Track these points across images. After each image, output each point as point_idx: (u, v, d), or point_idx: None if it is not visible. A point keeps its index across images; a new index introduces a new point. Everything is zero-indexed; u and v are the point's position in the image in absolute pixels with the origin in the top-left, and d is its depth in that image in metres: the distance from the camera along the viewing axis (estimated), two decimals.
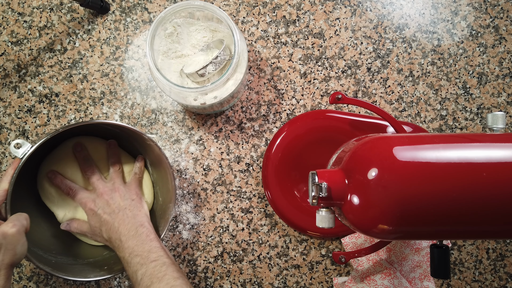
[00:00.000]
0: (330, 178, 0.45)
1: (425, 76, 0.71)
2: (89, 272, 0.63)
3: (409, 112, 0.71)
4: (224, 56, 0.62)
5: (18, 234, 0.51)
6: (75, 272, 0.63)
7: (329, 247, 0.71)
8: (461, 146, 0.44)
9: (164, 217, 0.66)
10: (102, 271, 0.63)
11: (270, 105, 0.72)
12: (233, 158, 0.72)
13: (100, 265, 0.65)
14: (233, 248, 0.71)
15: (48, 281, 0.71)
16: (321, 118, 0.68)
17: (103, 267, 0.64)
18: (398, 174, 0.43)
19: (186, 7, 0.59)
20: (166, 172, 0.64)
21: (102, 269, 0.64)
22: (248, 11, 0.72)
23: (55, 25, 0.72)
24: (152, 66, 0.58)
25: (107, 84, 0.72)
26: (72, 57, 0.72)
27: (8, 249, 0.50)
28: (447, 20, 0.71)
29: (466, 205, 0.42)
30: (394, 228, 0.43)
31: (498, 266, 0.71)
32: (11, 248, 0.50)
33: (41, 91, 0.72)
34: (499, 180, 0.42)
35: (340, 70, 0.71)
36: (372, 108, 0.61)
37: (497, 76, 0.71)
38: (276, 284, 0.71)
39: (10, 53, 0.72)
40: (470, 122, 0.71)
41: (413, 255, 0.67)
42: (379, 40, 0.71)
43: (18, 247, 0.51)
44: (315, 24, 0.71)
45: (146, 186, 0.68)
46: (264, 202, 0.72)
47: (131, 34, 0.72)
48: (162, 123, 0.72)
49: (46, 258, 0.62)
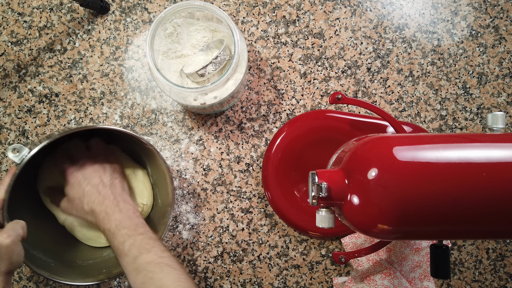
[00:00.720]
0: (330, 178, 0.45)
1: (425, 76, 0.71)
2: (88, 275, 0.63)
3: (409, 112, 0.71)
4: (224, 56, 0.62)
5: (13, 244, 0.51)
6: (74, 276, 0.62)
7: (329, 247, 0.71)
8: (461, 146, 0.44)
9: (163, 220, 0.66)
10: (100, 275, 0.63)
11: (270, 105, 0.72)
12: (233, 158, 0.72)
13: (99, 268, 0.65)
14: (233, 248, 0.71)
15: (48, 281, 0.71)
16: (321, 118, 0.68)
17: (102, 270, 0.64)
18: (398, 174, 0.43)
19: (186, 7, 0.59)
20: (165, 175, 0.64)
21: (101, 272, 0.64)
22: (248, 11, 0.72)
23: (55, 25, 0.72)
24: (152, 66, 0.58)
25: (107, 84, 0.72)
26: (72, 57, 0.72)
27: (4, 259, 0.50)
28: (447, 20, 0.71)
29: (466, 205, 0.42)
30: (394, 228, 0.43)
31: (498, 266, 0.71)
32: (7, 258, 0.50)
33: (41, 91, 0.72)
34: (499, 180, 0.42)
35: (340, 70, 0.71)
36: (372, 108, 0.61)
37: (497, 76, 0.71)
38: (276, 284, 0.71)
39: (10, 53, 0.72)
40: (470, 122, 0.72)
41: (413, 255, 0.67)
42: (379, 40, 0.71)
43: (13, 256, 0.51)
44: (315, 24, 0.71)
45: (146, 188, 0.68)
46: (264, 202, 0.72)
47: (131, 34, 0.72)
48: (162, 123, 0.72)
49: (45, 261, 0.62)
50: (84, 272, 0.64)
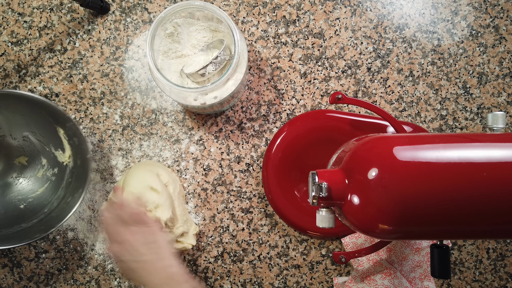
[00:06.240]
0: (330, 178, 0.45)
1: (425, 76, 0.71)
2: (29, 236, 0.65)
3: (409, 112, 0.71)
4: (224, 56, 0.62)
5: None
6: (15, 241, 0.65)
7: (329, 247, 0.71)
8: (461, 146, 0.44)
9: None
10: (39, 232, 0.65)
11: (270, 105, 0.72)
12: (233, 158, 0.72)
13: (38, 227, 0.67)
14: (233, 248, 0.71)
15: (49, 281, 0.71)
16: (321, 118, 0.68)
17: (40, 227, 0.66)
18: (398, 174, 0.43)
19: (186, 7, 0.59)
20: None
21: (39, 229, 0.66)
22: (248, 11, 0.72)
23: (55, 25, 0.72)
24: (152, 66, 0.58)
25: (107, 84, 0.72)
26: (72, 57, 0.72)
27: None
28: (447, 20, 0.71)
29: (466, 205, 0.42)
30: (394, 228, 0.43)
31: (498, 266, 0.71)
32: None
33: (41, 91, 0.72)
34: (499, 180, 0.42)
35: (340, 70, 0.71)
36: (372, 108, 0.61)
37: (497, 76, 0.71)
38: (276, 284, 0.71)
39: (10, 53, 0.72)
40: (470, 122, 0.71)
41: (413, 255, 0.67)
42: (379, 40, 0.71)
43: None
44: (315, 24, 0.71)
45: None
46: (264, 202, 0.72)
47: (131, 34, 0.72)
48: (162, 123, 0.72)
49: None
50: (25, 234, 0.66)
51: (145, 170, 0.67)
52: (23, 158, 0.71)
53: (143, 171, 0.66)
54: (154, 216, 0.63)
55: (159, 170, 0.67)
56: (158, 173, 0.66)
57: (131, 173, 0.66)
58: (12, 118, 0.68)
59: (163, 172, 0.67)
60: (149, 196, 0.63)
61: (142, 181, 0.64)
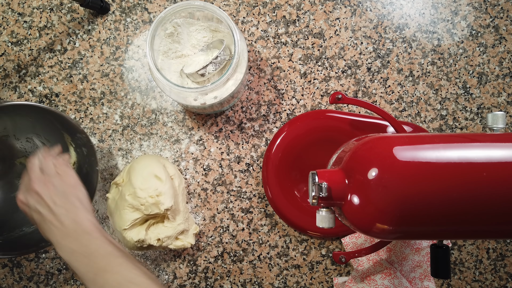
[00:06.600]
0: (330, 178, 0.45)
1: (425, 76, 0.71)
2: (33, 244, 0.65)
3: (409, 112, 0.71)
4: (224, 56, 0.62)
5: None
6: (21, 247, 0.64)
7: (329, 247, 0.71)
8: (461, 146, 0.44)
9: None
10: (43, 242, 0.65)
11: (270, 105, 0.72)
12: (233, 158, 0.72)
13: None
14: (233, 248, 0.71)
15: (49, 281, 0.71)
16: (321, 118, 0.68)
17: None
18: (398, 174, 0.43)
19: (186, 7, 0.59)
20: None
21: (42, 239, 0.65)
22: (248, 11, 0.72)
23: (55, 25, 0.72)
24: (152, 66, 0.58)
25: (107, 84, 0.72)
26: (72, 57, 0.72)
27: None
28: (447, 20, 0.71)
29: (466, 205, 0.42)
30: (394, 228, 0.43)
31: (498, 266, 0.71)
32: None
33: (41, 91, 0.72)
34: (499, 180, 0.42)
35: (340, 70, 0.71)
36: (372, 108, 0.61)
37: (497, 76, 0.71)
38: (276, 284, 0.71)
39: (10, 53, 0.72)
40: (470, 122, 0.71)
41: (413, 255, 0.67)
42: (379, 40, 0.71)
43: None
44: (315, 24, 0.71)
45: None
46: (264, 202, 0.72)
47: (131, 34, 0.72)
48: (162, 123, 0.72)
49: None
50: (28, 241, 0.66)
51: (152, 159, 0.67)
52: (25, 159, 0.71)
53: (150, 160, 0.67)
54: (156, 201, 0.63)
55: (166, 163, 0.68)
56: (165, 165, 0.67)
57: (138, 160, 0.67)
58: (19, 120, 0.68)
59: (170, 166, 0.68)
60: (152, 183, 0.64)
61: (147, 167, 0.65)
